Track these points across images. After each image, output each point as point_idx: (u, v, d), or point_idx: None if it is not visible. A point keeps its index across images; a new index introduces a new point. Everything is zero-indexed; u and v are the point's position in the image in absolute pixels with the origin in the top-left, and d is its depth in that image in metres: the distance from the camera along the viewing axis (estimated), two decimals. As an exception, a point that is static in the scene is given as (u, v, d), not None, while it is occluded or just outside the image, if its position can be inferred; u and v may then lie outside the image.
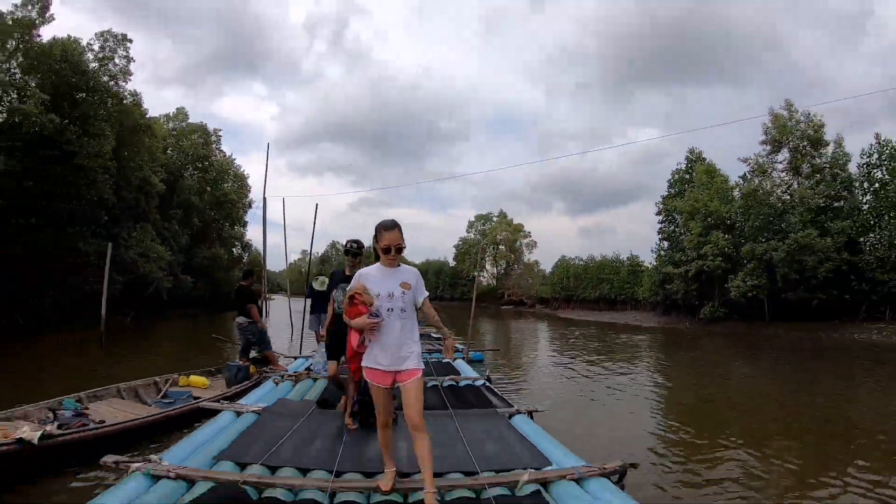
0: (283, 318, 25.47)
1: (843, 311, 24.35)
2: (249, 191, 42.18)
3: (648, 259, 42.45)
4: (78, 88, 20.70)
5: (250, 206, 42.66)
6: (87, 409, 6.87)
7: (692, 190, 32.65)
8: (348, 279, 5.52)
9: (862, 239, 25.35)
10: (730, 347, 21.67)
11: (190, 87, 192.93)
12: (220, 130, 38.69)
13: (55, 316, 19.27)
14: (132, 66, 24.51)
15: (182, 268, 31.17)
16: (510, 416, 6.02)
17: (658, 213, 37.39)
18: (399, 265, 3.74)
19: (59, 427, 5.52)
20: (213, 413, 6.07)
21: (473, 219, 73.86)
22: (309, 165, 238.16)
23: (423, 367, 3.71)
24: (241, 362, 9.37)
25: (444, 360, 9.44)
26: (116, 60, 23.80)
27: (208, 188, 37.51)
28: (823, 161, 27.39)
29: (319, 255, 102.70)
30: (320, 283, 8.47)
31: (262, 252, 27.23)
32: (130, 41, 24.31)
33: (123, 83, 24.43)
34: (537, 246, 68.27)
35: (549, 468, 4.31)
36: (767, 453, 6.70)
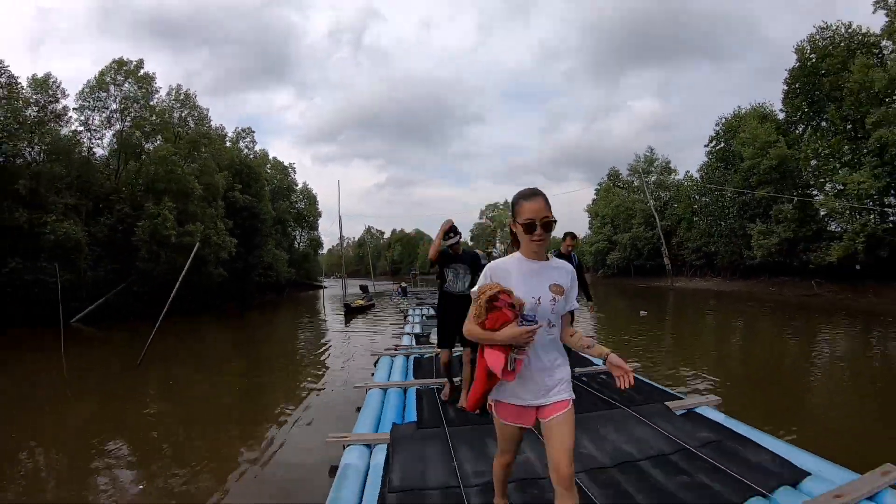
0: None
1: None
2: (317, 204, 58.18)
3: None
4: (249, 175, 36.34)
5: (319, 216, 58.51)
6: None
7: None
8: (455, 259, 5.76)
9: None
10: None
11: (222, 95, 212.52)
12: (294, 163, 54.71)
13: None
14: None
15: (287, 263, 45.84)
16: (687, 410, 5.40)
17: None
18: (549, 257, 2.63)
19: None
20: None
21: (484, 208, 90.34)
22: (335, 154, 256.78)
23: (574, 396, 2.63)
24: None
25: None
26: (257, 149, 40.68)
27: (292, 209, 52.80)
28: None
29: (356, 239, 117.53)
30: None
31: (341, 255, 44.20)
32: (252, 131, 40.69)
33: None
34: None
35: (813, 487, 3.56)
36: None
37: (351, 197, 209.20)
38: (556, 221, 2.51)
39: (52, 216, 19.55)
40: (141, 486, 5.11)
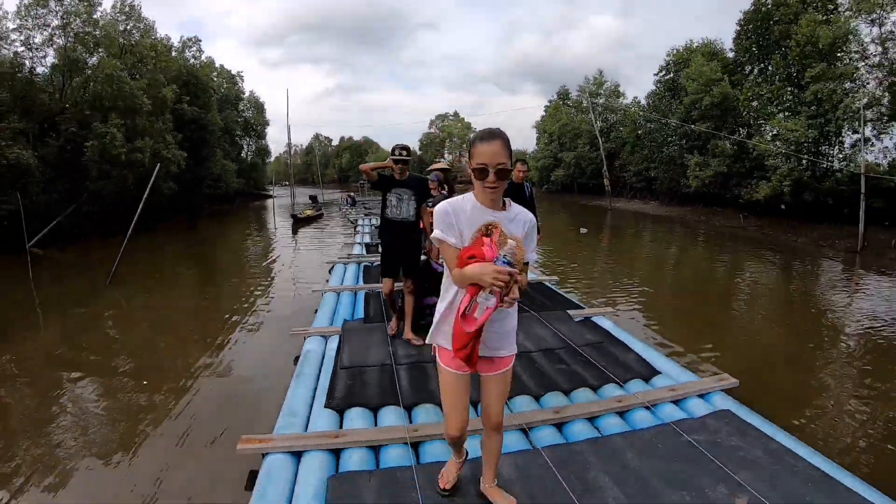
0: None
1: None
2: (265, 113, 56.74)
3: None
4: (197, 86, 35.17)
5: (267, 125, 57.39)
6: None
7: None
8: (400, 183, 5.27)
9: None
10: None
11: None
12: (242, 72, 52.82)
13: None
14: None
15: (235, 174, 45.45)
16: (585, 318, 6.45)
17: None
18: (507, 205, 2.43)
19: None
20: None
21: (434, 118, 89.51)
22: (282, 59, 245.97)
23: (516, 350, 2.62)
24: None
25: None
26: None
27: (240, 118, 51.50)
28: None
29: (304, 147, 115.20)
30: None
31: (288, 164, 44.09)
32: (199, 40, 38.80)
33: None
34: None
35: (660, 382, 4.70)
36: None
37: (299, 103, 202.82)
38: (512, 169, 2.42)
39: (1, 142, 19.12)
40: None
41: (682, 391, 4.43)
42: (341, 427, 4.00)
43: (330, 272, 10.56)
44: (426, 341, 2.67)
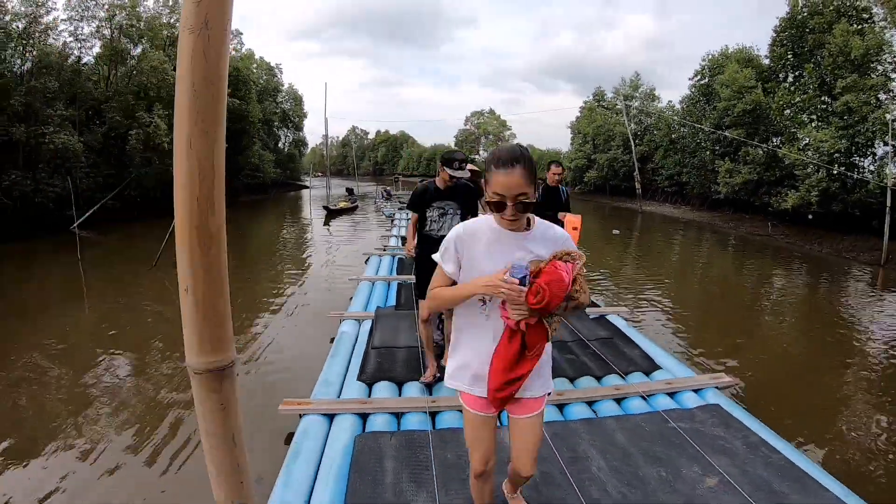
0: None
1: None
2: (303, 105, 57.93)
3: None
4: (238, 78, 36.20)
5: (305, 117, 58.70)
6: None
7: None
8: (442, 195, 4.44)
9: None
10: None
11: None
12: (280, 64, 53.44)
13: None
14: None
15: (273, 164, 46.20)
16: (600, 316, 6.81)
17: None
18: (531, 223, 2.11)
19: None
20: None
21: (470, 114, 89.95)
22: (319, 52, 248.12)
23: (552, 389, 2.35)
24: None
25: None
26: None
27: (278, 110, 52.10)
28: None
29: (340, 139, 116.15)
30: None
31: (325, 155, 45.02)
32: (241, 33, 39.91)
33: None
34: (516, 137, 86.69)
35: (659, 376, 5.04)
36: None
37: (336, 96, 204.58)
38: (536, 201, 1.98)
39: (49, 128, 20.18)
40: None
41: (677, 385, 4.81)
42: (370, 397, 4.58)
43: (366, 262, 11.26)
44: (445, 382, 2.34)
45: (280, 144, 54.37)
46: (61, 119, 21.12)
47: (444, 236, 2.93)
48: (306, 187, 51.83)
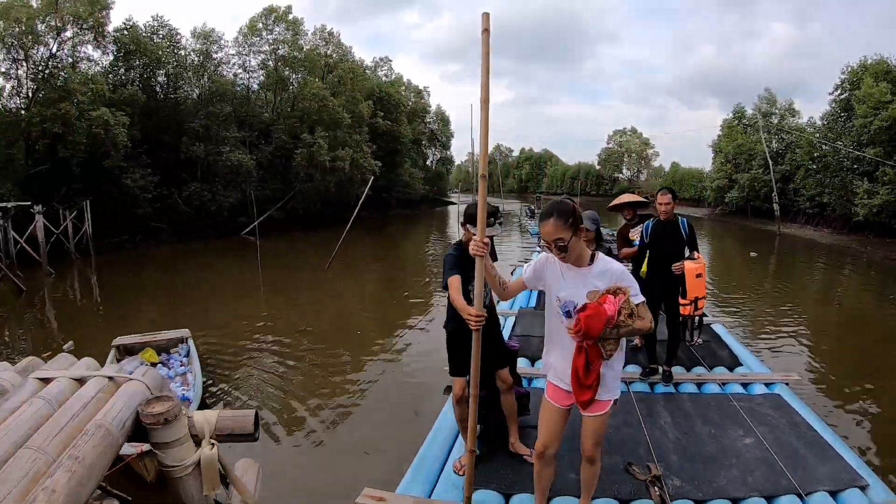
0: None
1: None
2: (450, 125, 60.60)
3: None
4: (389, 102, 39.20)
5: (452, 136, 61.21)
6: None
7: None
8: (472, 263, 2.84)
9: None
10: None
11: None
12: (428, 87, 56.12)
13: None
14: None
15: (422, 181, 48.71)
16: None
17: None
18: (594, 259, 2.62)
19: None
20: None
21: (612, 133, 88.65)
22: (463, 73, 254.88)
23: (619, 395, 2.77)
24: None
25: None
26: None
27: (426, 130, 54.74)
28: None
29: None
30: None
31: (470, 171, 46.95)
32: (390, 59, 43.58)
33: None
34: (659, 155, 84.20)
35: (740, 371, 5.72)
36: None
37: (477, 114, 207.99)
38: (570, 241, 2.46)
39: (226, 147, 23.76)
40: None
41: (750, 377, 5.47)
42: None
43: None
44: (541, 370, 2.91)
45: (428, 162, 57.27)
46: (235, 140, 24.69)
47: (485, 303, 3.10)
48: (453, 203, 53.70)
